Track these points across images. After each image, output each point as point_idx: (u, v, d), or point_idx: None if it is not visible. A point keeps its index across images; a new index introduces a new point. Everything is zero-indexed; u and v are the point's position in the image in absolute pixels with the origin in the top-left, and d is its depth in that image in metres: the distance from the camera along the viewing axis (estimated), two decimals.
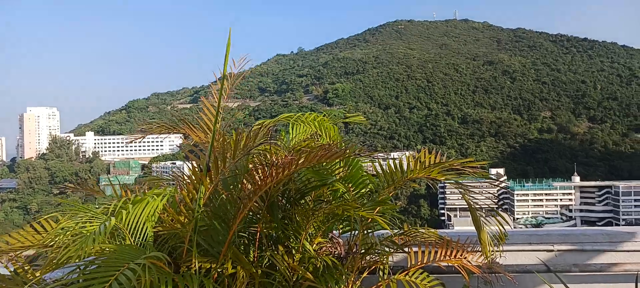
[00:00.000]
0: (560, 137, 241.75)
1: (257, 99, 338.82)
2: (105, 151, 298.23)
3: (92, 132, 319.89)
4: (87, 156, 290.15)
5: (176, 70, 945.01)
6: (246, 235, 4.74)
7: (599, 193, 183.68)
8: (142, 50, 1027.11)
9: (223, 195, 4.11)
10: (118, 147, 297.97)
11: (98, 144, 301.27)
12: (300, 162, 3.95)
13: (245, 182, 4.38)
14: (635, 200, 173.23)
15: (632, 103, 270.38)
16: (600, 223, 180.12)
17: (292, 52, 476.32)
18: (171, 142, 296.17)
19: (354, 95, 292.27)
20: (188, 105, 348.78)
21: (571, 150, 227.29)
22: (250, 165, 4.65)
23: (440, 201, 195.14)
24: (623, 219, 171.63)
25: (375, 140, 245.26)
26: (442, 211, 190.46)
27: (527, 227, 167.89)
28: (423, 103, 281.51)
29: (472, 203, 5.23)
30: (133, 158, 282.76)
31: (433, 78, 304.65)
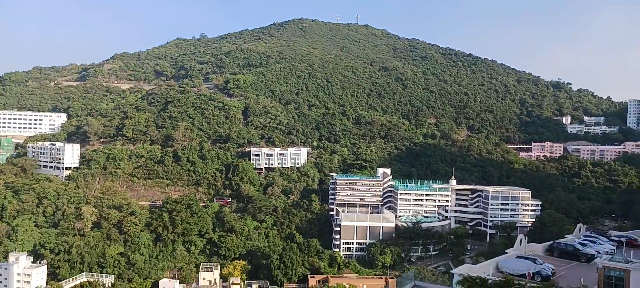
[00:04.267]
0: (442, 143, 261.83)
1: (152, 82, 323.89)
2: None
3: None
4: None
5: (64, 45, 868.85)
6: None
7: (472, 196, 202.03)
8: (23, 20, 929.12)
9: None
10: None
11: None
12: None
13: None
14: (502, 204, 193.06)
15: (505, 117, 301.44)
16: (471, 224, 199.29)
17: (194, 37, 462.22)
18: (52, 121, 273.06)
19: (255, 87, 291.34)
20: (74, 83, 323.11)
21: (451, 155, 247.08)
22: None
23: (330, 197, 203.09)
24: (490, 221, 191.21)
25: (273, 134, 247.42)
26: (332, 206, 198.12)
27: (407, 225, 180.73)
28: (321, 101, 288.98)
29: None
30: (5, 136, 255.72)
31: (332, 78, 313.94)
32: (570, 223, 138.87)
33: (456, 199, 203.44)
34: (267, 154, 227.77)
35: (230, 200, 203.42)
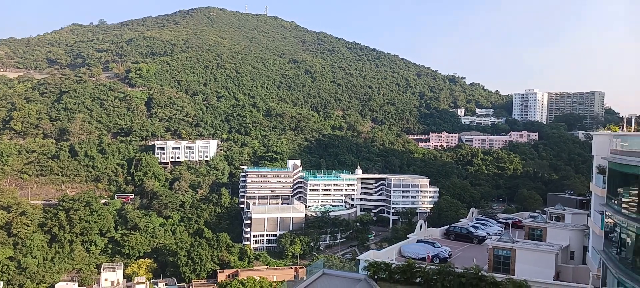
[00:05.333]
0: (349, 134, 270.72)
1: (45, 70, 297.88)
2: None
3: None
4: None
5: None
6: None
7: (376, 184, 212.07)
8: None
9: None
10: None
11: None
12: None
13: None
14: (403, 192, 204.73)
15: (406, 109, 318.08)
16: (375, 210, 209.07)
17: (91, 23, 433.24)
18: None
19: (160, 77, 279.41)
20: None
21: (357, 146, 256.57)
22: None
23: (241, 190, 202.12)
24: (393, 207, 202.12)
25: (180, 127, 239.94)
26: (242, 199, 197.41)
27: (316, 214, 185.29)
28: (231, 93, 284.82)
29: None
30: None
31: (242, 69, 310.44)
32: (464, 208, 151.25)
33: (362, 188, 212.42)
34: (174, 147, 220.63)
35: (133, 196, 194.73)
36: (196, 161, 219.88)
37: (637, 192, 27.14)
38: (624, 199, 28.73)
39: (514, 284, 28.26)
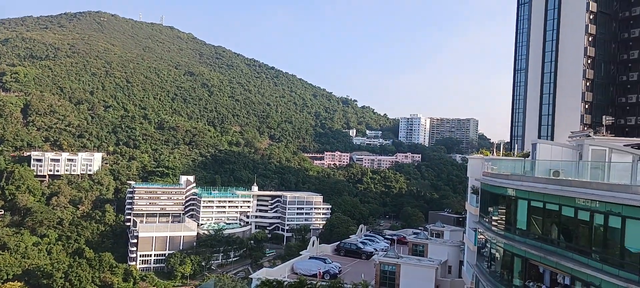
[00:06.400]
0: (246, 151, 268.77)
1: None
2: None
3: None
4: None
5: None
6: None
7: (272, 201, 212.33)
8: None
9: None
10: None
11: None
12: None
13: None
14: (297, 209, 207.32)
15: (302, 127, 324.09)
16: (270, 228, 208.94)
17: None
18: None
19: (39, 82, 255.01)
20: None
21: (254, 162, 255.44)
22: None
23: (127, 207, 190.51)
24: (287, 224, 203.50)
25: (61, 137, 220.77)
26: (129, 217, 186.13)
27: (209, 232, 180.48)
28: (120, 103, 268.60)
29: None
30: None
31: (133, 79, 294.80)
32: (354, 224, 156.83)
33: (257, 205, 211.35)
34: (53, 159, 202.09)
35: (2, 212, 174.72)
36: (78, 175, 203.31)
37: (504, 210, 29.99)
38: (493, 217, 31.10)
39: None
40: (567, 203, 23.47)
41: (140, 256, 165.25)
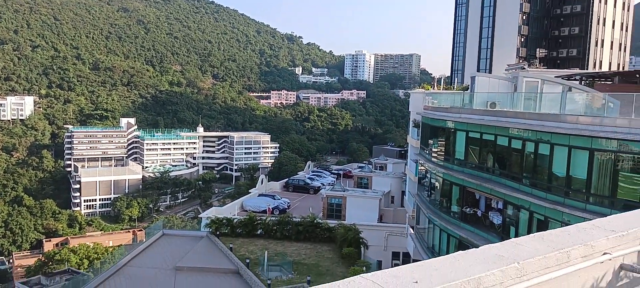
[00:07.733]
0: (188, 91, 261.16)
1: None
2: None
3: None
4: None
5: None
6: None
7: (219, 142, 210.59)
8: None
9: None
10: None
11: None
12: None
13: None
14: (245, 149, 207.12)
15: (247, 66, 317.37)
16: (218, 168, 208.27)
17: None
18: None
19: None
20: None
21: (197, 103, 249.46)
22: None
23: (66, 152, 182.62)
24: (236, 164, 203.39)
25: None
26: (69, 162, 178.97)
27: (155, 175, 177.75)
28: (49, 42, 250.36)
29: None
30: None
31: (62, 16, 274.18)
32: (302, 162, 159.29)
33: (204, 146, 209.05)
34: None
35: None
36: (9, 120, 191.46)
37: (443, 142, 31.64)
38: (433, 149, 32.74)
39: (344, 228, 31.95)
40: (501, 133, 24.93)
41: (84, 201, 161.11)
